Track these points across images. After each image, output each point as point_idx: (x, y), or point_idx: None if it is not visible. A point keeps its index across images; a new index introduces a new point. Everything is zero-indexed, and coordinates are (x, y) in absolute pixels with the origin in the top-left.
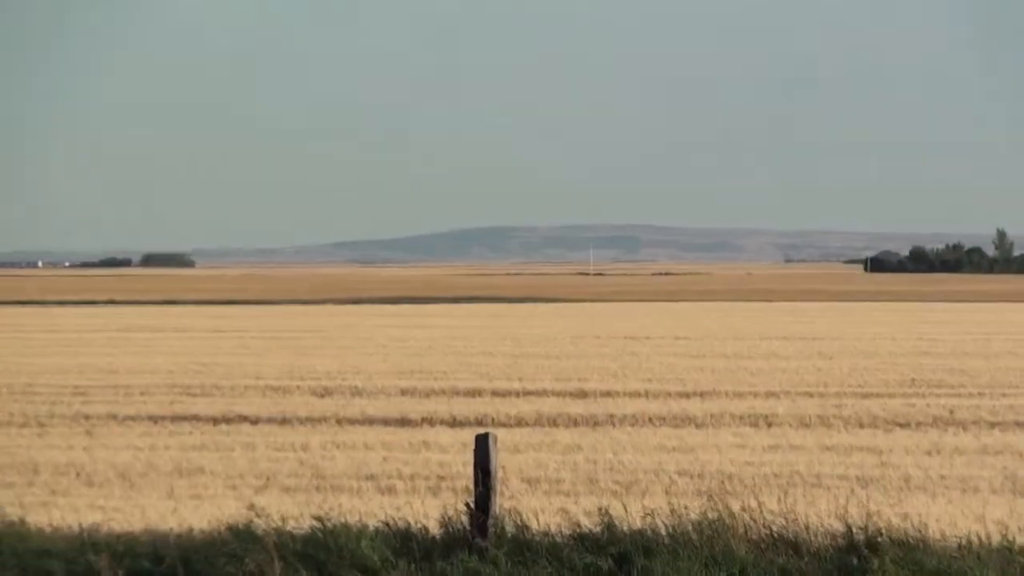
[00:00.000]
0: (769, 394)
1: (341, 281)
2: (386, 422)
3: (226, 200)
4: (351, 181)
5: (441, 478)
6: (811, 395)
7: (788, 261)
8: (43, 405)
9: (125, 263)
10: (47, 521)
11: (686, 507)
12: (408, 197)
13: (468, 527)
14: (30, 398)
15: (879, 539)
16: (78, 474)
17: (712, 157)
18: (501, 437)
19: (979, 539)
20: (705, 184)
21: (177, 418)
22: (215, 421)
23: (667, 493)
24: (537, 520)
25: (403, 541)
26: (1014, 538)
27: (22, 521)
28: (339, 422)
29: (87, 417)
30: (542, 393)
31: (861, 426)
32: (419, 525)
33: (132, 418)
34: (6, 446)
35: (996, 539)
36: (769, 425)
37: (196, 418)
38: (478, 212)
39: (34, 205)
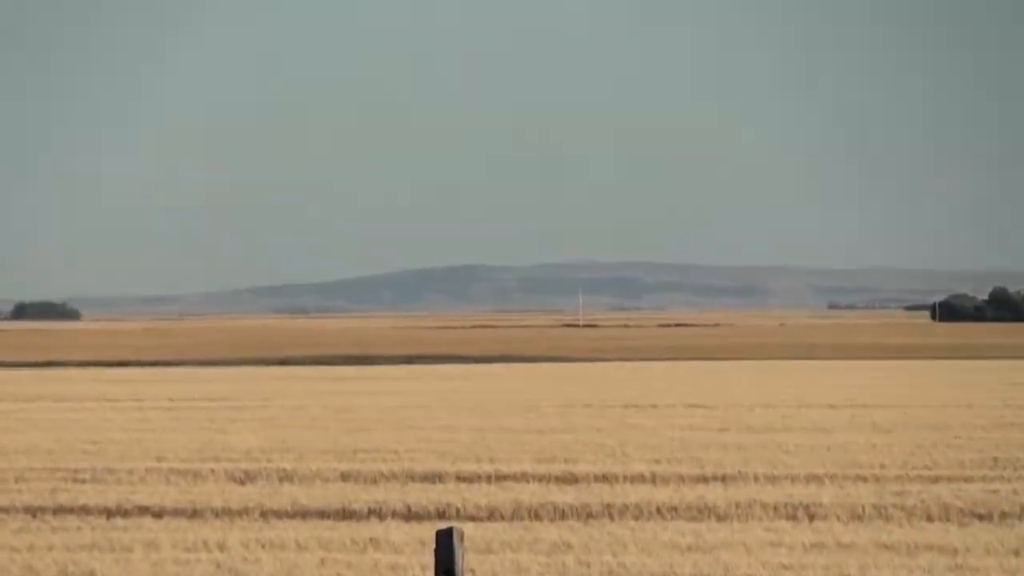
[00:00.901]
0: (811, 478)
1: (263, 336)
2: (324, 515)
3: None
4: (273, 209)
5: None
6: (864, 479)
7: (832, 308)
8: None
9: None
10: None
11: None
12: (347, 230)
13: None
14: None
15: None
16: None
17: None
18: (469, 533)
19: None
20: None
21: (61, 510)
22: (109, 514)
23: None
24: None
25: None
26: None
27: None
28: (264, 515)
29: None
30: (520, 477)
31: (929, 519)
32: None
33: (4, 510)
34: None
35: None
36: (811, 518)
37: (85, 510)
38: (437, 248)
39: None
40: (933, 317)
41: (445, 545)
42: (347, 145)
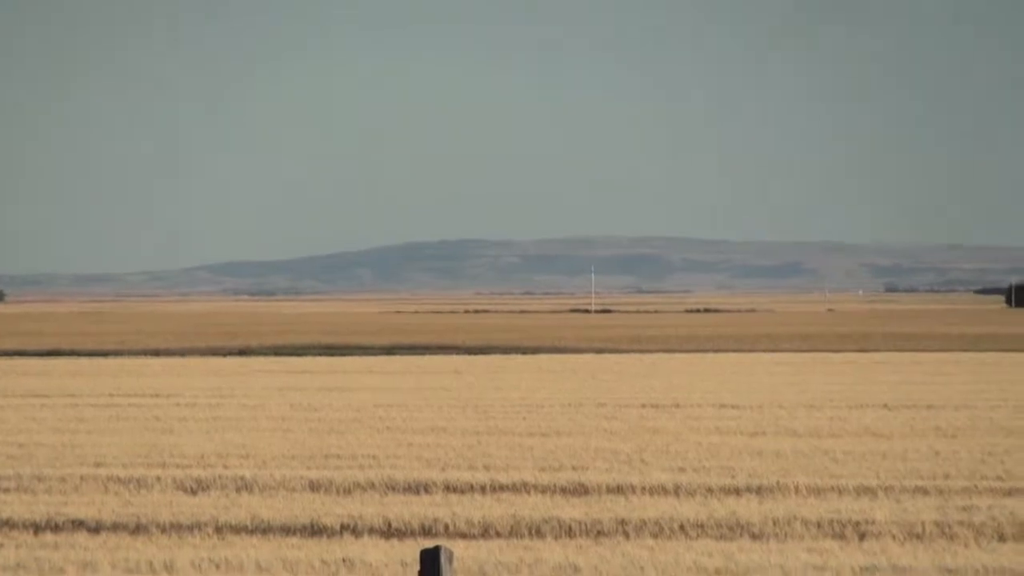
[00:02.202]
0: (862, 490)
1: (219, 322)
2: (288, 530)
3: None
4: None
5: None
6: (926, 491)
7: (890, 291)
8: None
9: None
10: None
11: None
12: (320, 198)
13: None
14: None
15: None
16: None
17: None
18: (460, 553)
19: None
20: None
21: None
22: (37, 529)
23: None
24: None
25: None
26: None
27: None
28: (219, 530)
29: None
30: (520, 488)
31: (1001, 538)
32: None
33: None
34: None
35: None
36: (862, 537)
37: (9, 524)
38: (426, 220)
39: None
40: (1008, 302)
41: (431, 567)
42: (319, 104)
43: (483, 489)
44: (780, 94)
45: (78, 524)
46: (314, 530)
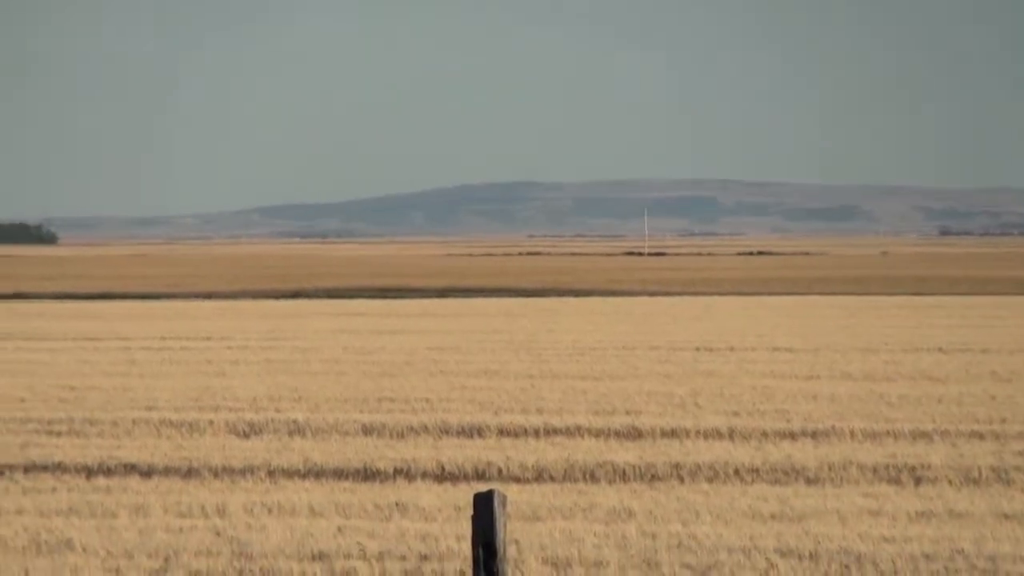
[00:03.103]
0: (918, 435)
1: (271, 264)
2: (341, 474)
3: (96, 150)
4: (281, 118)
5: (424, 558)
6: (982, 436)
7: (945, 234)
8: None
9: None
10: None
11: None
12: (371, 141)
13: None
14: None
15: None
16: None
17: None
18: (513, 497)
19: None
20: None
21: (33, 468)
22: (89, 473)
23: None
24: None
25: None
26: None
27: None
28: (271, 474)
29: None
30: (574, 431)
31: None
32: None
33: None
34: None
35: None
36: (918, 481)
37: (61, 468)
38: (477, 163)
39: None
40: None
41: (484, 511)
42: (376, 47)
43: (536, 433)
44: (833, 36)
45: (130, 468)
46: (367, 474)
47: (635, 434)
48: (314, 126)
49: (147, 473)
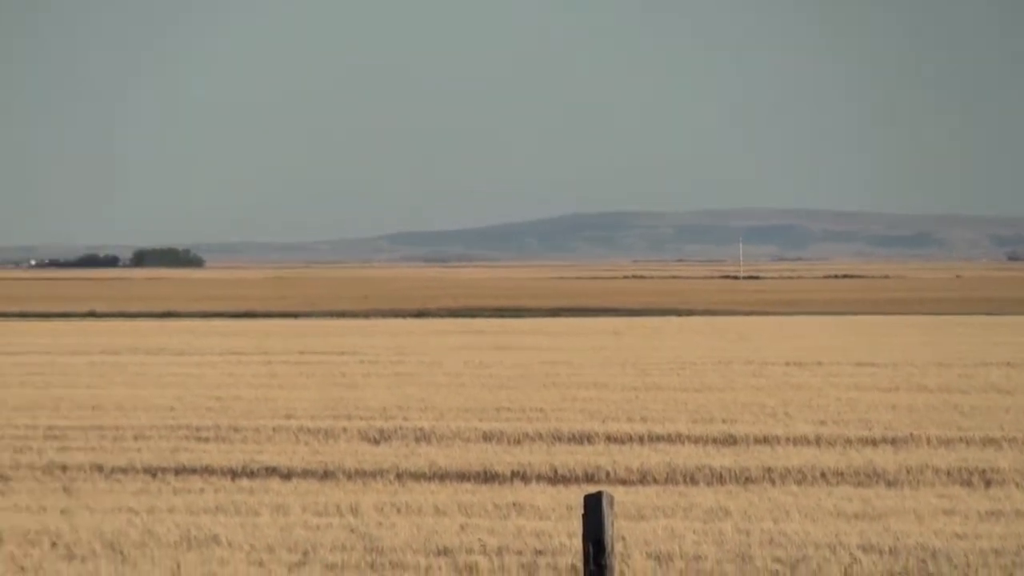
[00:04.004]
0: (988, 441)
1: (399, 286)
2: (463, 477)
3: (240, 181)
4: (409, 152)
5: (539, 553)
6: None
7: (1013, 259)
8: (5, 452)
9: (110, 262)
10: None
11: None
12: (490, 173)
13: None
14: None
15: None
16: (53, 544)
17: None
18: (620, 498)
19: None
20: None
21: (183, 470)
22: (234, 475)
23: (847, 575)
24: None
25: None
26: None
27: None
28: (400, 477)
29: (64, 468)
30: (675, 438)
31: None
32: None
33: (123, 470)
34: None
35: None
36: (988, 484)
37: (208, 471)
38: (586, 194)
39: None
40: None
41: (594, 511)
42: (494, 85)
43: (641, 439)
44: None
45: (271, 471)
46: (487, 477)
47: (731, 441)
48: (439, 160)
49: (286, 475)
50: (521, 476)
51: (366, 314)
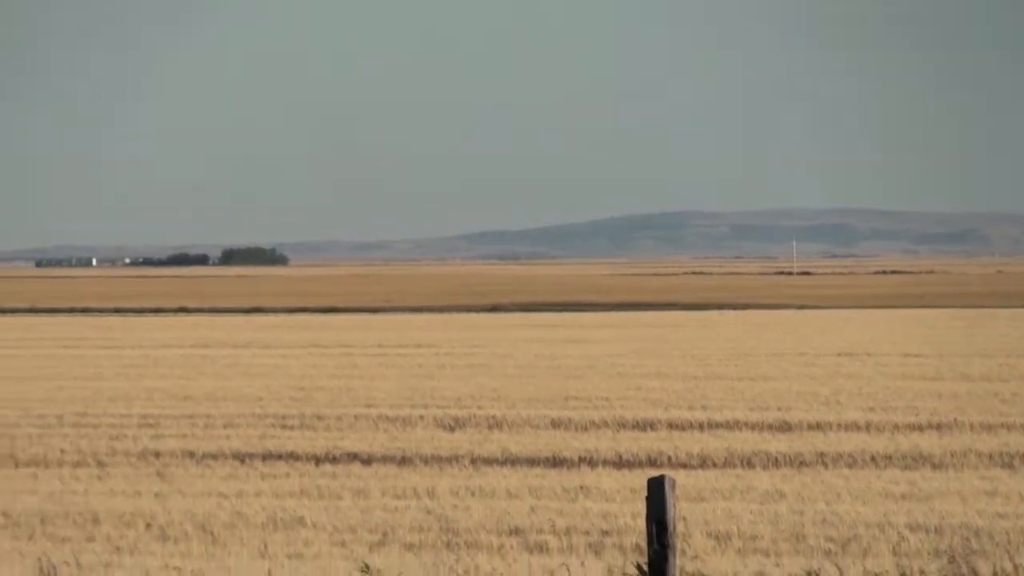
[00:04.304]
0: None
1: (472, 283)
2: (534, 462)
3: (322, 183)
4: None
5: (605, 533)
6: None
7: None
8: (103, 440)
9: (200, 260)
10: None
11: (920, 571)
12: (558, 177)
13: None
14: (86, 431)
15: None
16: (148, 526)
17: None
18: (681, 481)
19: None
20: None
21: (270, 456)
22: (317, 460)
23: (895, 553)
24: None
25: None
26: None
27: None
28: (474, 462)
29: (157, 455)
30: (733, 425)
31: None
32: None
33: (213, 456)
34: (58, 491)
35: None
36: None
37: (293, 457)
38: (647, 195)
39: (85, 191)
40: None
41: (657, 493)
42: (560, 95)
43: (701, 426)
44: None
45: (352, 456)
46: (556, 462)
47: (785, 427)
48: (512, 164)
49: (367, 461)
50: (588, 461)
51: (442, 309)
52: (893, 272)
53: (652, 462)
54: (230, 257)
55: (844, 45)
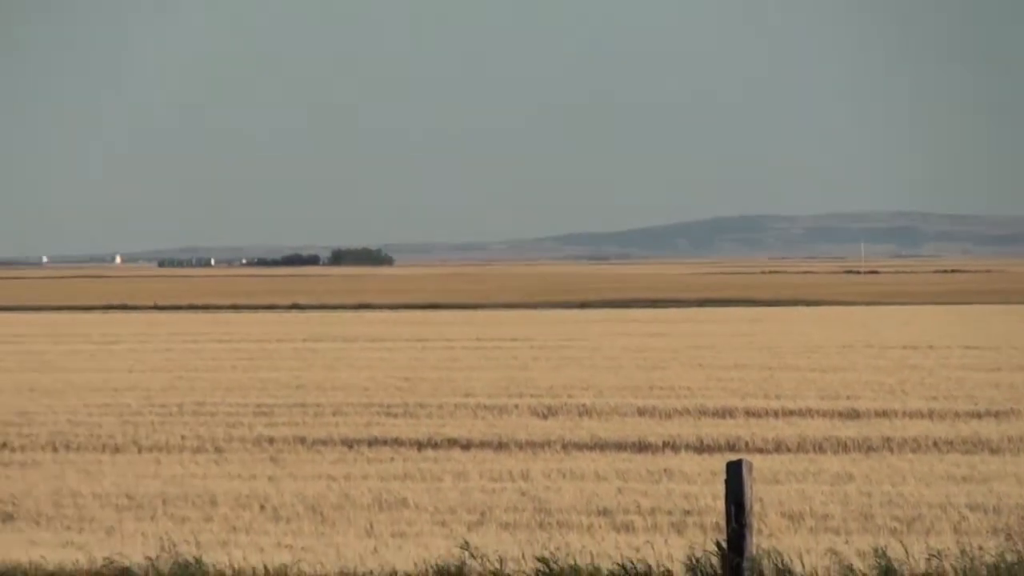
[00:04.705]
0: None
1: (563, 281)
2: (621, 447)
3: (426, 187)
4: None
5: (687, 513)
6: None
7: None
8: (220, 427)
9: (311, 261)
10: (227, 562)
11: (980, 548)
12: (644, 182)
13: (719, 571)
14: (204, 419)
15: None
16: (262, 507)
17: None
18: (757, 465)
19: None
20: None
21: (376, 442)
22: (420, 446)
23: (956, 531)
24: (802, 563)
25: None
26: None
27: (198, 561)
28: (565, 447)
29: (271, 441)
30: (805, 413)
31: None
32: (661, 568)
33: (323, 442)
34: (179, 475)
35: None
36: None
37: (398, 442)
38: (727, 199)
39: (205, 196)
40: None
41: (735, 476)
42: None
43: (776, 414)
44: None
45: (452, 442)
46: (641, 447)
47: (854, 415)
48: (599, 169)
49: (466, 446)
50: (671, 446)
51: (535, 306)
52: (953, 271)
53: (730, 447)
54: (339, 258)
55: (914, 58)
